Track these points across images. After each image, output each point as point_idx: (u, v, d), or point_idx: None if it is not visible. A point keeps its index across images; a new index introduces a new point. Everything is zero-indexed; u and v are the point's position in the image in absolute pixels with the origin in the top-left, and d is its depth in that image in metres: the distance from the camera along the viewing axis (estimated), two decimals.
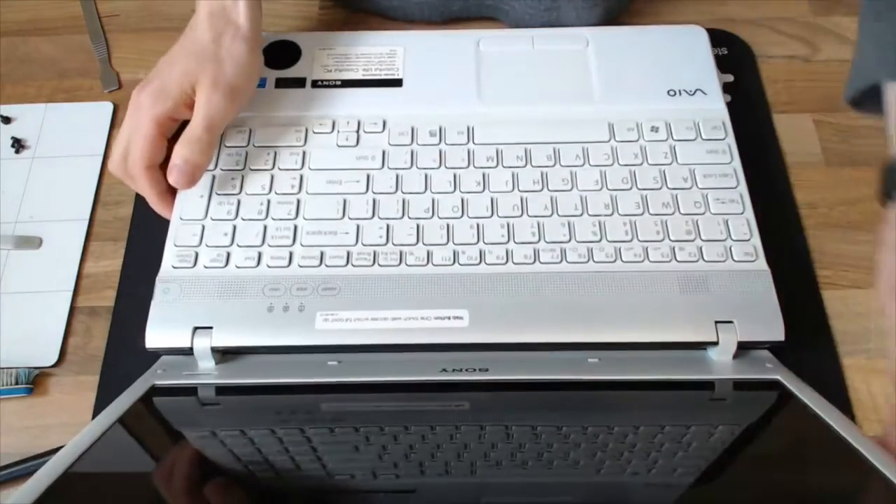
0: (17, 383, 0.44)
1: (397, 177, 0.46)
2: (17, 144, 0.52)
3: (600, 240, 0.44)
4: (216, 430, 0.39)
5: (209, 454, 0.37)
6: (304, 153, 0.47)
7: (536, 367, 0.40)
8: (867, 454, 0.33)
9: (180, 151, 0.43)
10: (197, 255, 0.44)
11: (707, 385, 0.41)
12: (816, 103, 0.54)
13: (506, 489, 0.34)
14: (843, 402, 0.43)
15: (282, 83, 0.51)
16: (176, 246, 0.44)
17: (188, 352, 0.41)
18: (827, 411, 0.36)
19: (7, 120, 0.54)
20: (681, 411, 0.40)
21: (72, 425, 0.43)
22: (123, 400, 0.38)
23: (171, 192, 0.46)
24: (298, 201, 0.46)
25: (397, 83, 0.51)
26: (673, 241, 0.44)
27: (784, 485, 0.33)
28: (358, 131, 0.48)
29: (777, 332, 0.41)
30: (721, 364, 0.41)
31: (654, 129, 0.48)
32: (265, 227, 0.44)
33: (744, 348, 0.41)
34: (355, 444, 0.37)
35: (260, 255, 0.44)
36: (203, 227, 0.45)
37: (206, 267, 0.43)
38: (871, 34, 0.40)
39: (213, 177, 0.46)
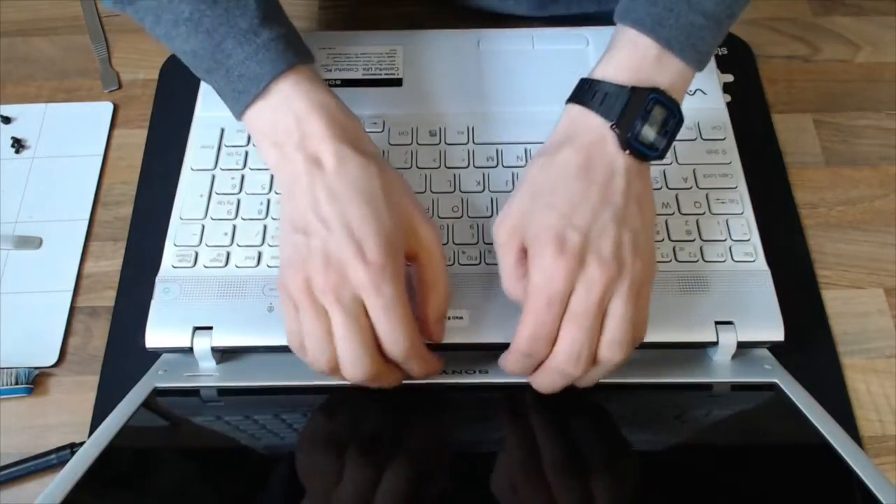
0: (17, 383, 0.44)
1: None
2: (17, 144, 0.52)
3: None
4: (219, 432, 0.39)
5: (214, 455, 0.37)
6: None
7: None
8: (853, 464, 0.33)
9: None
10: (197, 254, 0.44)
11: (704, 387, 0.41)
12: (816, 103, 0.54)
13: (500, 492, 0.34)
14: (842, 402, 0.43)
15: None
16: (176, 245, 0.44)
17: (188, 352, 0.41)
18: (820, 417, 0.36)
19: (7, 120, 0.54)
20: (678, 413, 0.40)
21: (72, 425, 0.43)
22: (127, 404, 0.38)
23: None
24: None
25: (397, 83, 0.51)
26: (673, 241, 0.44)
27: (768, 488, 0.33)
28: None
29: (777, 333, 0.41)
30: (720, 364, 0.41)
31: None
32: (265, 227, 0.44)
33: (744, 348, 0.41)
34: (356, 446, 0.37)
35: (260, 254, 0.44)
36: (203, 226, 0.45)
37: (206, 267, 0.43)
38: None
39: (213, 176, 0.46)
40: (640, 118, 0.35)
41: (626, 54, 0.37)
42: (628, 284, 0.34)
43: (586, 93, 0.37)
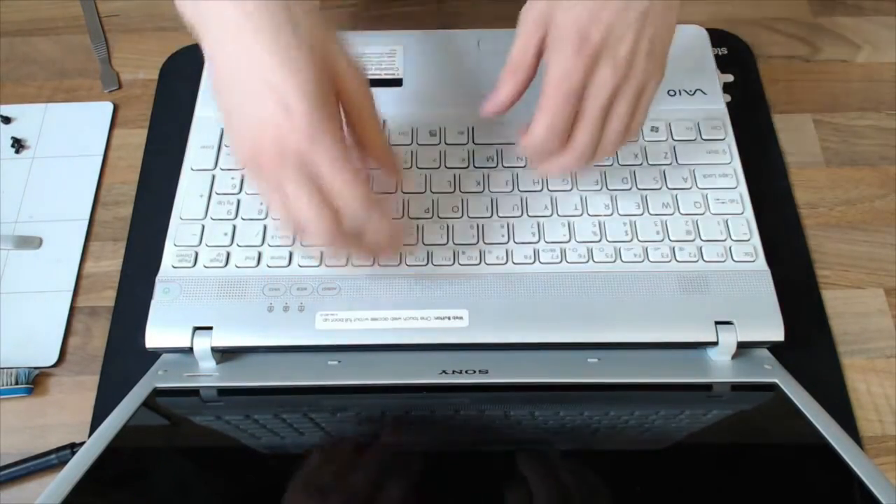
0: (17, 383, 0.44)
1: None
2: (17, 144, 0.52)
3: (600, 240, 0.44)
4: (219, 432, 0.39)
5: (214, 455, 0.37)
6: None
7: (536, 370, 0.40)
8: (853, 465, 0.33)
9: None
10: (197, 254, 0.44)
11: (704, 387, 0.41)
12: (816, 103, 0.54)
13: (501, 492, 0.34)
14: (842, 402, 0.43)
15: None
16: (176, 246, 0.44)
17: (188, 352, 0.41)
18: (820, 417, 0.36)
19: (7, 120, 0.54)
20: (678, 413, 0.40)
21: (72, 425, 0.43)
22: (127, 404, 0.38)
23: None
24: None
25: (397, 83, 0.51)
26: (673, 241, 0.44)
27: (768, 488, 0.33)
28: None
29: (777, 333, 0.41)
30: (720, 364, 0.41)
31: (654, 129, 0.48)
32: (265, 227, 0.44)
33: (744, 347, 0.41)
34: (355, 446, 0.37)
35: (260, 254, 0.44)
36: (203, 226, 0.45)
37: (205, 267, 0.43)
38: None
39: (213, 176, 0.46)
40: None
41: None
42: (634, 87, 0.36)
43: None
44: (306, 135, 0.33)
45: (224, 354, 0.42)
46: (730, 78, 0.52)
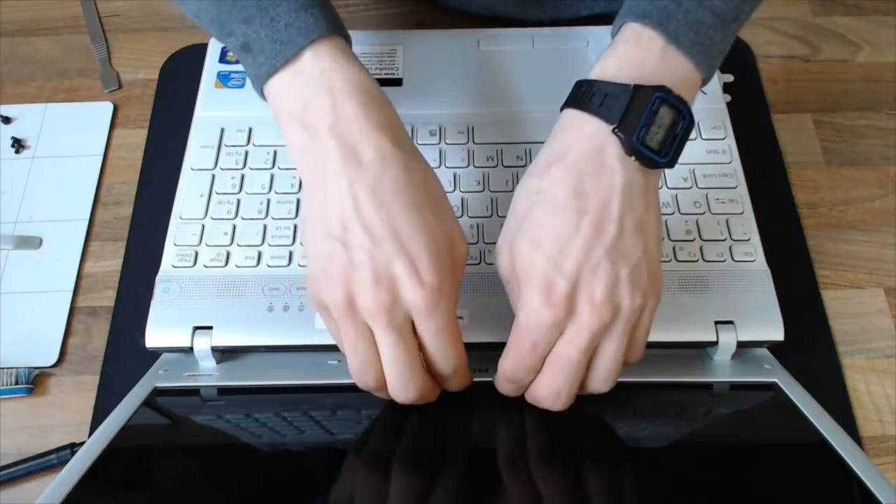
0: (17, 383, 0.44)
1: None
2: (17, 144, 0.52)
3: None
4: (219, 431, 0.39)
5: (214, 455, 0.37)
6: None
7: None
8: (853, 464, 0.33)
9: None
10: (197, 254, 0.44)
11: (704, 386, 0.41)
12: (816, 103, 0.54)
13: (503, 491, 0.34)
14: (842, 402, 0.43)
15: None
16: (176, 245, 0.44)
17: (188, 351, 0.41)
18: (820, 417, 0.36)
19: (7, 120, 0.54)
20: (678, 412, 0.40)
21: (72, 425, 0.43)
22: (127, 404, 0.38)
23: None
24: (298, 201, 0.45)
25: (397, 83, 0.51)
26: (673, 241, 0.44)
27: (767, 488, 0.33)
28: None
29: (777, 332, 0.41)
30: (720, 364, 0.41)
31: None
32: (265, 227, 0.44)
33: (743, 347, 0.41)
34: (354, 445, 0.37)
35: (260, 254, 0.44)
36: (203, 226, 0.45)
37: (205, 266, 0.43)
38: None
39: (213, 176, 0.46)
40: (646, 119, 0.32)
41: (629, 50, 0.34)
42: (623, 323, 0.32)
43: (583, 95, 0.34)
44: (428, 303, 0.32)
45: (224, 354, 0.42)
46: (730, 78, 0.52)
